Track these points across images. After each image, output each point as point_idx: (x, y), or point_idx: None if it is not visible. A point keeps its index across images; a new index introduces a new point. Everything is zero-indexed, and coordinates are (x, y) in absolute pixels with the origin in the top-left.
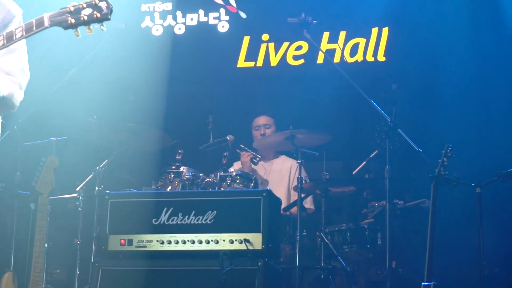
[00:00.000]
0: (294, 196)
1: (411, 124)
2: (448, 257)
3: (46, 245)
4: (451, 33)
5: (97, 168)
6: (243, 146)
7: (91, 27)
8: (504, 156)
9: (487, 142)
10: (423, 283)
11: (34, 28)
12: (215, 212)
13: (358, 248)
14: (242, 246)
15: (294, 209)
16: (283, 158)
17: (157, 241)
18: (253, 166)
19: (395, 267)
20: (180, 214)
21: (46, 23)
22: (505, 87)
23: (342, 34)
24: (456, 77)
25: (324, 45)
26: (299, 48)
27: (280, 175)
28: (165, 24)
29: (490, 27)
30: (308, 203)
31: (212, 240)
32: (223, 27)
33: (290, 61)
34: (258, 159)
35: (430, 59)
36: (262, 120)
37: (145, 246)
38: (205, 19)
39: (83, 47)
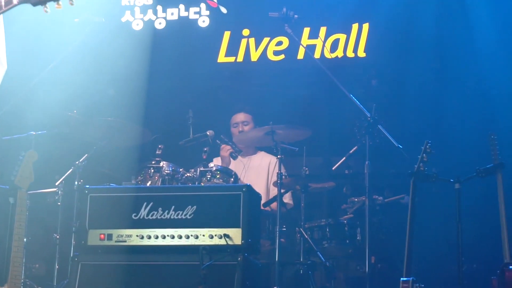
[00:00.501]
0: (273, 192)
1: (391, 120)
2: (427, 252)
3: (25, 239)
4: (431, 28)
5: (77, 162)
6: (223, 137)
7: (60, 2)
8: (483, 152)
9: (466, 138)
10: (401, 279)
11: (3, 6)
12: (195, 207)
13: (338, 243)
14: (222, 241)
15: (273, 205)
16: (262, 154)
17: (137, 236)
18: (232, 160)
19: (374, 263)
20: (159, 209)
21: (15, 1)
22: (482, 83)
23: (323, 30)
24: (435, 73)
25: (305, 40)
26: (279, 43)
27: (259, 171)
28: (146, 18)
29: (465, 23)
30: (287, 199)
31: (191, 235)
32: (204, 22)
33: (271, 56)
34: (237, 153)
35: (410, 55)
36: (240, 117)
37: (125, 241)
38: (185, 14)
39: (63, 41)
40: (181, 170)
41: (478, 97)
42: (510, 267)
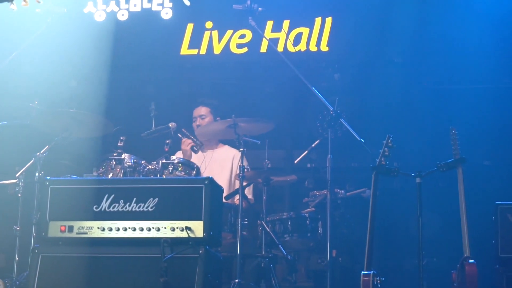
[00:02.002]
0: (236, 185)
1: (353, 114)
2: (388, 246)
3: None
4: (394, 23)
5: (38, 154)
6: (184, 131)
7: (14, 2)
8: (444, 146)
9: (428, 133)
10: (362, 272)
11: None
12: (156, 199)
13: (299, 237)
14: (184, 234)
15: (236, 198)
16: (225, 148)
17: (98, 228)
18: (193, 154)
19: (336, 256)
20: (121, 201)
21: None
22: (446, 78)
23: (286, 23)
24: (398, 67)
25: (268, 33)
26: (242, 36)
27: (222, 164)
28: (108, 10)
29: (435, 18)
30: (247, 192)
31: (153, 228)
32: (167, 14)
33: (234, 49)
34: (198, 147)
35: (373, 50)
36: (197, 111)
37: (86, 233)
38: (148, 5)
39: (24, 31)
40: (143, 162)
41: (440, 92)
42: (470, 261)
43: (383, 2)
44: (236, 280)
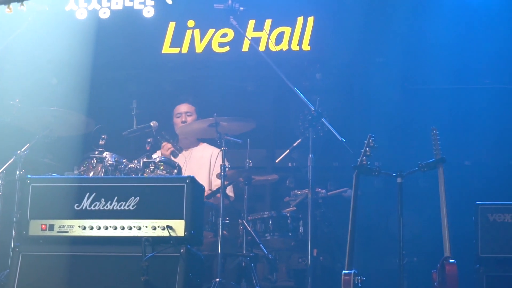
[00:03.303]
0: (215, 184)
1: (335, 114)
2: (370, 245)
3: None
4: (376, 23)
5: (18, 152)
6: (164, 133)
7: (10, 6)
8: (426, 146)
9: (409, 133)
10: (343, 271)
11: None
12: (137, 198)
13: (280, 236)
14: (165, 233)
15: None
16: (204, 146)
17: (79, 226)
18: (173, 158)
19: (317, 255)
20: (102, 199)
21: None
22: (428, 78)
23: (268, 23)
24: (380, 67)
25: (250, 33)
26: (224, 35)
27: (200, 163)
28: (90, 7)
29: (417, 19)
30: (228, 191)
31: (134, 226)
32: (149, 12)
33: (216, 48)
34: (178, 151)
35: (355, 49)
36: (183, 107)
37: (67, 232)
38: (130, 3)
39: (5, 29)
40: (124, 161)
41: (422, 92)
42: (450, 260)
43: (365, 2)
44: (217, 279)
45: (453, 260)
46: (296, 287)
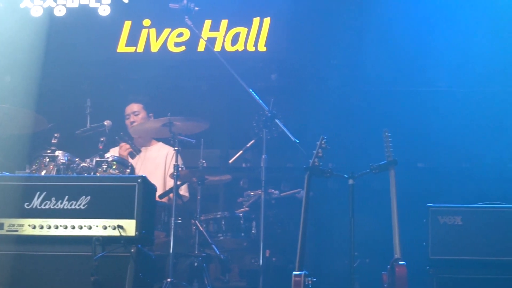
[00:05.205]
0: (170, 183)
1: (289, 115)
2: (322, 246)
3: None
4: (332, 25)
5: None
6: (122, 134)
7: None
8: (380, 148)
9: (363, 134)
10: (294, 272)
11: None
12: (89, 197)
13: (233, 236)
14: (115, 232)
15: (169, 196)
16: (159, 145)
17: (29, 225)
18: (130, 159)
19: (269, 256)
20: (53, 198)
21: None
22: (381, 80)
23: (224, 23)
24: (335, 69)
25: (206, 33)
26: (180, 35)
27: (156, 162)
28: (45, 5)
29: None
30: (183, 191)
31: (85, 226)
32: (104, 10)
33: (171, 47)
34: (136, 152)
35: (310, 51)
36: (130, 108)
37: (16, 231)
38: (86, 1)
39: None
40: (77, 160)
41: (375, 94)
42: (400, 262)
43: (321, 4)
44: (169, 279)
45: (403, 262)
46: (248, 287)
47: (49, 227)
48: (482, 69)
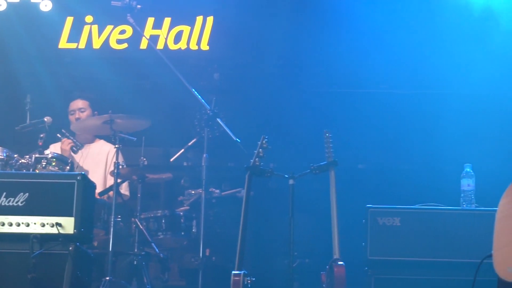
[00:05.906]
0: (110, 181)
1: (231, 114)
2: (262, 246)
3: None
4: (273, 26)
5: None
6: (64, 131)
7: None
8: (321, 149)
9: (305, 135)
10: (233, 272)
11: None
12: (27, 194)
13: (173, 235)
14: (54, 230)
15: (110, 194)
16: (101, 143)
17: None
18: (72, 154)
19: (209, 255)
20: None
21: None
22: (323, 81)
23: (167, 21)
24: (277, 69)
25: (148, 30)
26: (123, 32)
27: (97, 159)
28: None
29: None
30: (124, 189)
31: (22, 223)
32: (46, 6)
33: (113, 44)
34: (78, 148)
35: (252, 51)
36: (76, 104)
37: None
38: None
39: None
40: (15, 156)
41: (317, 95)
42: (339, 262)
43: (263, 4)
44: (107, 278)
45: (341, 262)
46: (188, 286)
47: None
48: (418, 71)
